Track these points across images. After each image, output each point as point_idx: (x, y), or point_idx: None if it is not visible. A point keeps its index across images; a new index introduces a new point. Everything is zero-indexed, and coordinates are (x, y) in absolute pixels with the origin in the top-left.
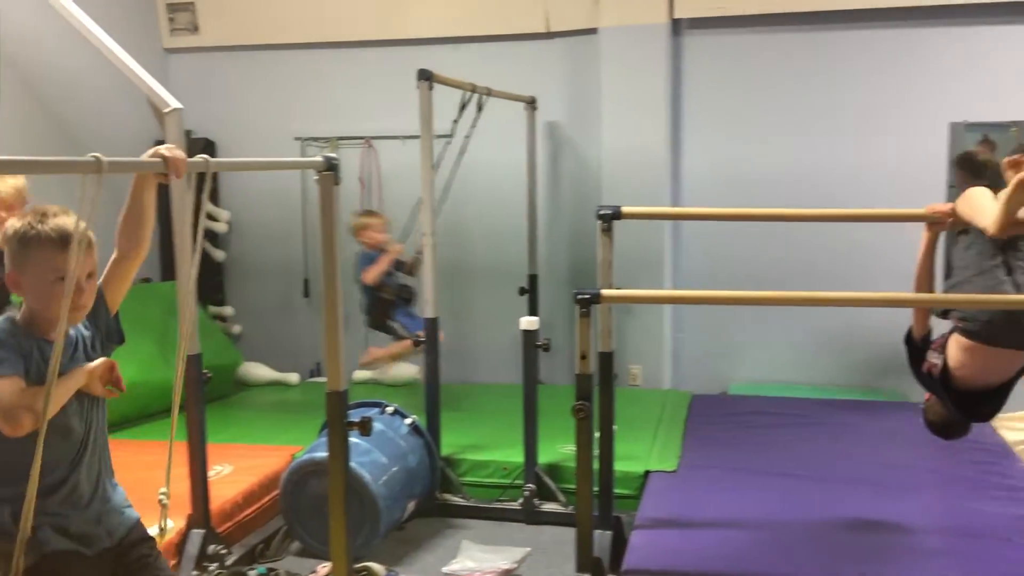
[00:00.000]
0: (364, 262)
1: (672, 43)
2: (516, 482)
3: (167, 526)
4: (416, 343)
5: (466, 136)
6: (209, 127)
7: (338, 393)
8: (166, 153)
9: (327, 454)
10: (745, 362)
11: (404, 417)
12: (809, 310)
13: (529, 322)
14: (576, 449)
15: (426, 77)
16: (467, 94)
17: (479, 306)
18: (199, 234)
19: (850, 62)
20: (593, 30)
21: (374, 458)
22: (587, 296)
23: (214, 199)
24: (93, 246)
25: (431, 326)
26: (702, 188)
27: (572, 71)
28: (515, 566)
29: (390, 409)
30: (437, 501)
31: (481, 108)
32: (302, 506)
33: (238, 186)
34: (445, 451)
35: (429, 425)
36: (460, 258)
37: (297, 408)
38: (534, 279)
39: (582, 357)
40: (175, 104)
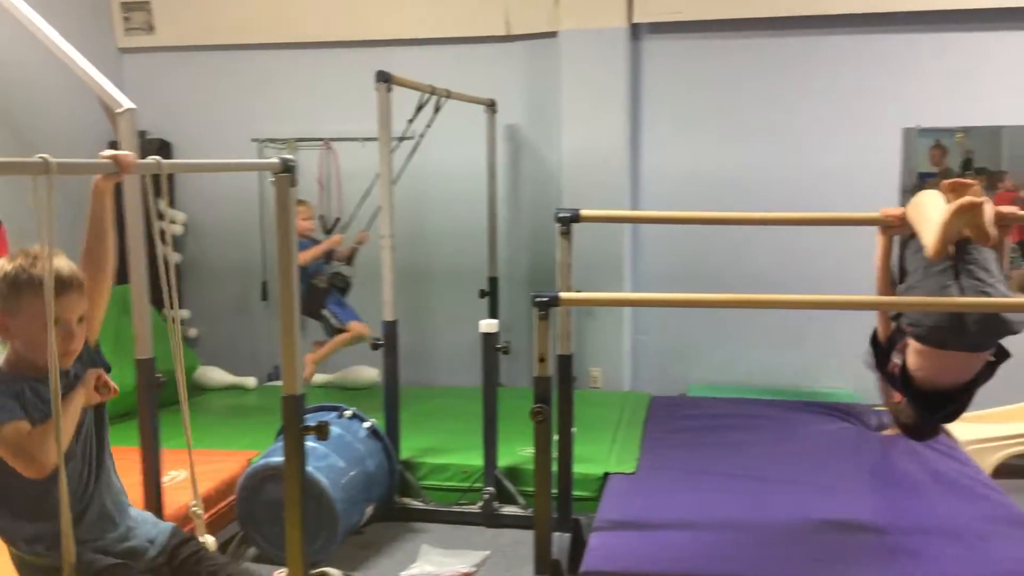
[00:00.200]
0: None
1: (631, 47)
2: (476, 485)
3: (207, 541)
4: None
5: (420, 135)
6: (165, 128)
7: (294, 397)
8: (115, 152)
9: (283, 459)
10: (704, 364)
11: (363, 421)
12: (766, 312)
13: (489, 325)
14: (534, 452)
15: (384, 79)
16: (425, 96)
17: (439, 309)
18: (167, 235)
19: (805, 67)
20: (553, 33)
21: (331, 462)
22: (545, 299)
23: (170, 201)
24: (83, 288)
25: (390, 329)
26: (661, 190)
27: (532, 74)
28: (474, 570)
29: (348, 413)
30: (396, 505)
31: (439, 110)
32: (258, 511)
33: (195, 188)
34: (404, 455)
35: (388, 429)
36: (420, 260)
37: (254, 412)
38: (494, 281)
39: (540, 360)
40: (128, 104)
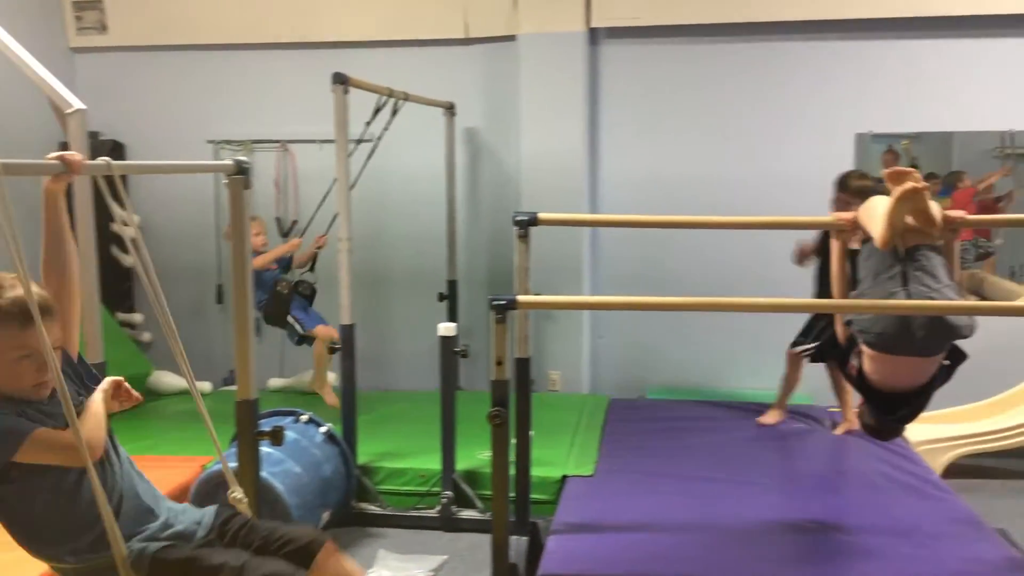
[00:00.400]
0: None
1: (590, 51)
2: (434, 489)
3: None
4: (332, 349)
5: (378, 138)
6: (119, 129)
7: (248, 402)
8: (63, 153)
9: (238, 464)
10: (662, 367)
11: (319, 425)
12: (724, 315)
13: (447, 328)
14: (492, 455)
15: (341, 81)
16: (383, 98)
17: (398, 312)
18: (135, 239)
19: (761, 73)
20: (512, 37)
21: (287, 468)
22: (503, 302)
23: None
24: (54, 314)
25: (348, 333)
26: (620, 194)
27: (491, 77)
28: (432, 574)
29: (304, 417)
30: (353, 510)
31: (397, 112)
32: None
33: (149, 190)
34: (361, 459)
35: (345, 433)
36: (379, 264)
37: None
38: (453, 285)
39: (498, 363)
40: (78, 105)
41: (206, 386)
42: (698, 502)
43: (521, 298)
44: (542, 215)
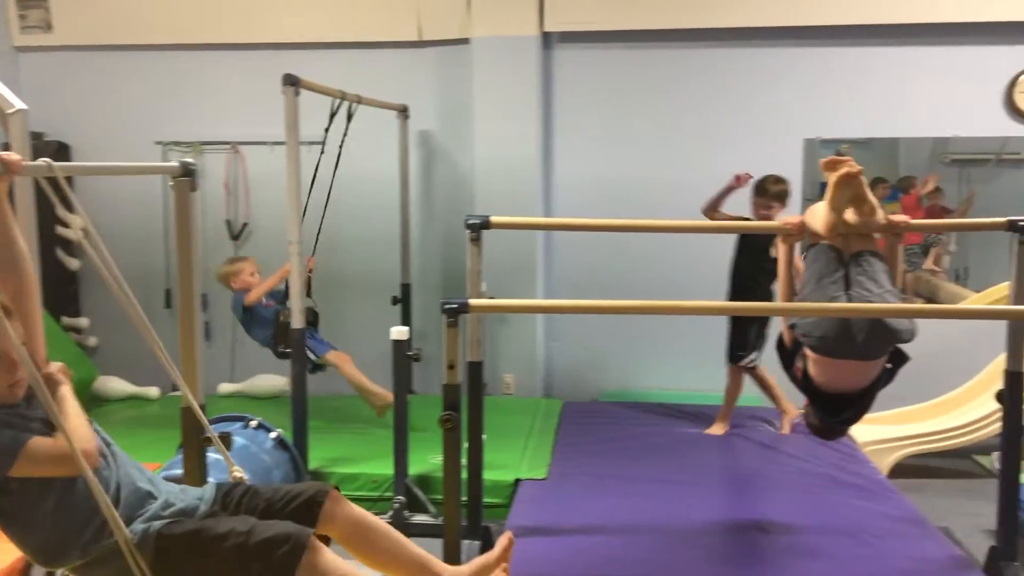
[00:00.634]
0: (240, 298)
1: (543, 55)
2: (386, 494)
3: None
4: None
5: (340, 145)
6: (64, 130)
7: (193, 409)
8: (2, 153)
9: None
10: (616, 370)
11: (269, 431)
12: (676, 318)
13: (399, 332)
14: (444, 460)
15: (292, 82)
16: (337, 102)
17: (351, 316)
18: (81, 241)
19: (712, 78)
20: (465, 40)
21: None
22: (455, 306)
23: (68, 204)
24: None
25: (297, 336)
26: (574, 197)
27: (445, 80)
28: None
29: (254, 423)
30: None
31: (351, 116)
32: None
33: (95, 192)
34: (313, 464)
35: (296, 439)
36: (332, 267)
37: (156, 423)
38: (407, 288)
39: (449, 367)
40: (19, 105)
41: (153, 391)
42: (650, 504)
43: (473, 301)
44: (495, 218)
